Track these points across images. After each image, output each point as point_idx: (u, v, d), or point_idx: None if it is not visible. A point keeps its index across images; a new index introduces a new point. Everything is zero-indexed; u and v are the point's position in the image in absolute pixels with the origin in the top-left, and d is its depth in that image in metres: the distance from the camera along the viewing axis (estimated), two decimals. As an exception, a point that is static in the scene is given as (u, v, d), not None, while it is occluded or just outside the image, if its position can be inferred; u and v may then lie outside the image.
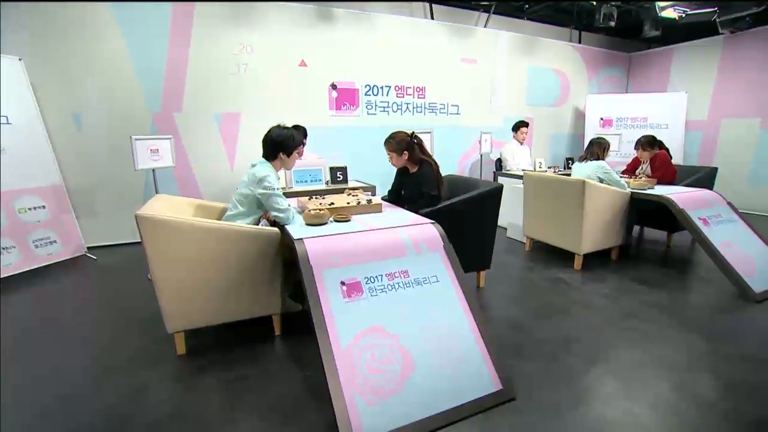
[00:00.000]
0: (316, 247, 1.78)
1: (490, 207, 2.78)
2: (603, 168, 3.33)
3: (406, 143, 2.62)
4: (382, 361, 1.59)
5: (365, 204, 2.36)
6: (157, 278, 1.83)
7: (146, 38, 3.75)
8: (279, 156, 2.23)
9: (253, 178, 2.12)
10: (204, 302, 1.93)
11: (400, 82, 4.93)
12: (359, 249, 1.84)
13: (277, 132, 2.21)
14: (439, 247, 2.01)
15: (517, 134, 4.97)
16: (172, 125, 3.96)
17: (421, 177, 2.64)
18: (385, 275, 1.81)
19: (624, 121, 6.03)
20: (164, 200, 2.25)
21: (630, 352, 2.04)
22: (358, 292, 1.72)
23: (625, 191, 3.30)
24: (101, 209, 3.88)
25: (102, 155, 3.79)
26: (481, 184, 2.80)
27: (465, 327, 1.81)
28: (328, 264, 1.74)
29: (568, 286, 2.94)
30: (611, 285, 2.93)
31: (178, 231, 1.82)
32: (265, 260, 2.02)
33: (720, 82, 5.61)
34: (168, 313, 1.88)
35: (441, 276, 1.92)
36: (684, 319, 2.38)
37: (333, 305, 1.65)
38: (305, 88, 4.42)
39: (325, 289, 1.67)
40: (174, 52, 3.86)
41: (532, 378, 1.83)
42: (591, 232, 3.17)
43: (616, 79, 6.71)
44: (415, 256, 1.93)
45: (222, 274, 1.94)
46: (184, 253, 1.85)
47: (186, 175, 4.09)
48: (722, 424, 1.53)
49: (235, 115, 4.18)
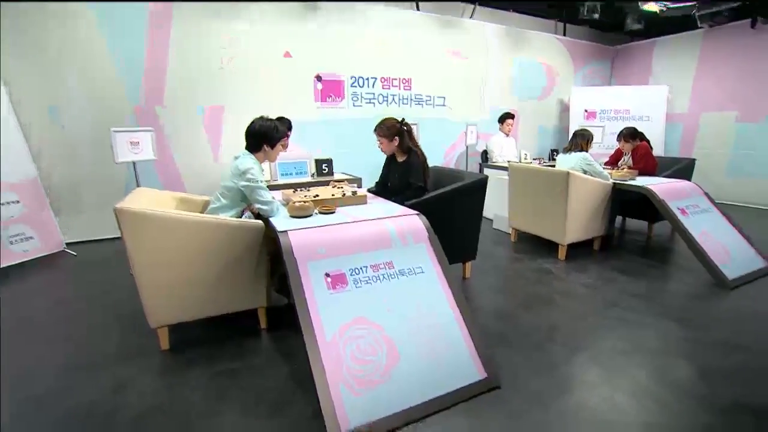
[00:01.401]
0: (301, 239, 1.77)
1: (476, 198, 2.79)
2: (586, 159, 3.38)
3: (396, 129, 2.64)
4: (367, 352, 1.59)
5: (350, 196, 2.35)
6: (138, 273, 1.80)
7: (124, 29, 3.63)
8: (263, 148, 2.20)
9: (236, 170, 2.09)
10: (187, 296, 1.91)
11: (386, 73, 4.89)
12: (344, 241, 1.84)
13: (261, 123, 2.17)
14: (424, 239, 2.01)
15: (503, 126, 5.00)
16: (154, 118, 3.86)
17: (407, 167, 2.65)
18: (370, 267, 1.81)
19: (607, 113, 6.12)
20: (145, 194, 2.20)
21: (611, 340, 2.09)
22: (343, 283, 1.72)
23: (608, 182, 3.35)
24: (82, 204, 3.77)
25: (81, 149, 3.68)
26: (467, 176, 2.81)
27: (449, 317, 1.82)
28: (312, 256, 1.73)
29: (552, 276, 2.99)
30: (593, 275, 2.99)
31: (160, 224, 1.78)
32: (250, 253, 1.99)
33: (699, 75, 5.72)
34: (150, 308, 1.85)
35: (426, 267, 1.93)
36: (662, 307, 2.45)
37: (317, 297, 1.64)
38: (290, 80, 4.36)
39: (309, 281, 1.67)
40: (154, 44, 3.75)
41: (517, 366, 1.86)
42: (574, 223, 3.22)
43: (600, 72, 6.79)
44: (401, 248, 1.93)
45: (205, 267, 1.91)
46: (166, 247, 1.81)
47: (169, 169, 4.00)
48: (699, 409, 1.58)
49: (218, 108, 4.10)
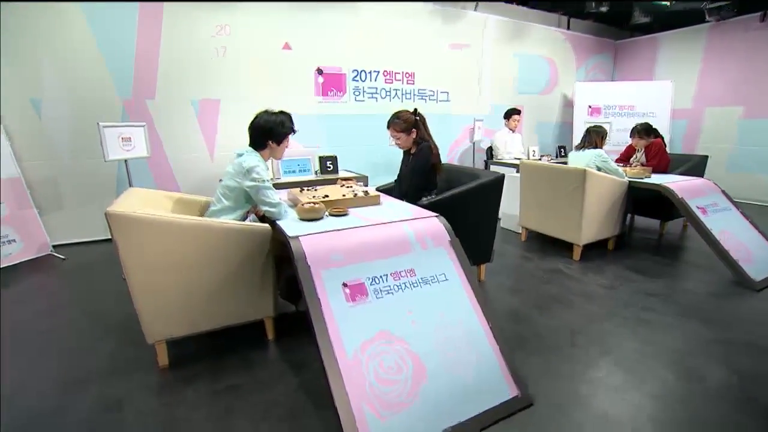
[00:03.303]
0: (314, 244, 1.61)
1: (492, 198, 2.65)
2: (601, 156, 3.25)
3: (412, 121, 2.48)
4: (392, 371, 1.44)
5: (362, 196, 2.18)
6: (133, 283, 1.62)
7: (113, 16, 3.39)
8: (268, 144, 2.02)
9: (240, 168, 1.91)
10: (187, 309, 1.73)
11: (388, 67, 4.71)
12: (361, 246, 1.68)
13: (266, 118, 1.99)
14: (445, 242, 1.86)
15: (509, 122, 4.87)
16: (146, 113, 3.64)
17: (415, 162, 2.49)
18: (390, 275, 1.66)
19: (612, 109, 6.01)
20: (139, 194, 2.01)
21: (634, 342, 1.99)
22: (363, 294, 1.56)
23: (624, 180, 3.24)
24: (69, 204, 3.55)
25: (66, 145, 3.45)
26: (482, 174, 2.67)
27: (477, 328, 1.68)
28: (327, 263, 1.57)
29: (567, 277, 2.87)
30: (610, 275, 2.88)
31: (156, 230, 1.60)
32: (256, 260, 1.82)
33: (704, 70, 5.64)
34: (147, 322, 1.67)
35: (449, 273, 1.79)
36: (684, 307, 2.36)
37: (335, 310, 1.49)
38: (289, 73, 4.15)
39: (325, 292, 1.51)
40: (144, 33, 3.53)
41: (537, 371, 1.75)
42: (591, 223, 3.10)
43: (602, 67, 6.68)
44: (421, 253, 1.78)
45: (207, 276, 1.74)
46: (163, 255, 1.63)
47: (162, 166, 3.79)
48: (732, 413, 1.49)
49: (214, 101, 3.89)
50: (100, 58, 3.41)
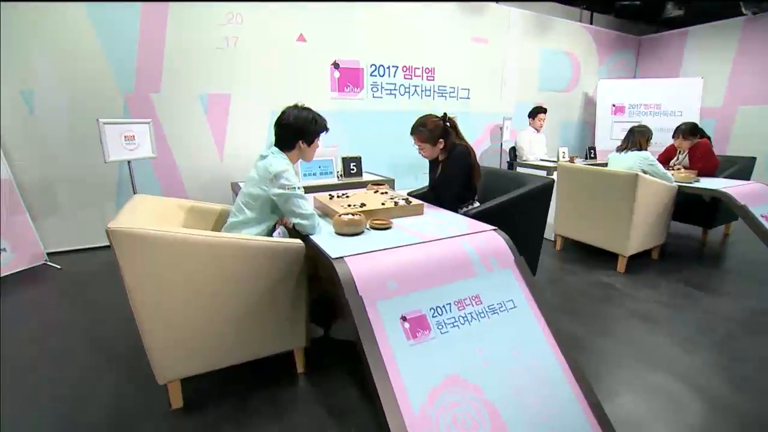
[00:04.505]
0: (363, 268, 1.32)
1: (539, 206, 2.38)
2: (648, 159, 2.98)
3: (440, 130, 2.15)
4: (468, 426, 1.16)
5: (404, 205, 1.90)
6: (141, 314, 1.33)
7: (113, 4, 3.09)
8: (297, 145, 1.74)
9: (266, 173, 1.63)
10: (206, 343, 1.45)
11: (408, 62, 4.42)
12: (418, 269, 1.40)
13: (296, 114, 1.71)
14: (510, 262, 1.59)
15: (534, 121, 4.59)
16: (149, 108, 3.34)
17: (446, 170, 2.17)
18: (454, 303, 1.38)
19: (637, 108, 5.75)
20: (145, 203, 1.72)
21: (723, 380, 1.71)
22: (424, 329, 1.29)
23: (673, 185, 2.97)
24: (65, 208, 3.25)
25: (63, 143, 3.15)
26: (528, 179, 2.39)
27: (554, 366, 1.40)
28: (382, 293, 1.29)
29: (618, 292, 2.61)
30: (666, 290, 2.62)
31: (170, 250, 1.32)
32: (287, 283, 1.54)
33: (737, 66, 5.38)
34: (158, 360, 1.39)
35: (517, 299, 1.51)
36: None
37: (395, 350, 1.21)
38: (304, 66, 3.86)
39: (383, 330, 1.23)
40: (149, 20, 3.22)
41: (622, 416, 1.47)
42: (639, 231, 2.83)
43: (625, 64, 6.41)
44: (486, 276, 1.50)
45: (230, 305, 1.45)
46: (179, 280, 1.35)
47: (167, 167, 3.49)
48: None
49: (224, 96, 3.59)
50: (99, 46, 3.11)
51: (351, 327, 1.21)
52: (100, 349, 1.95)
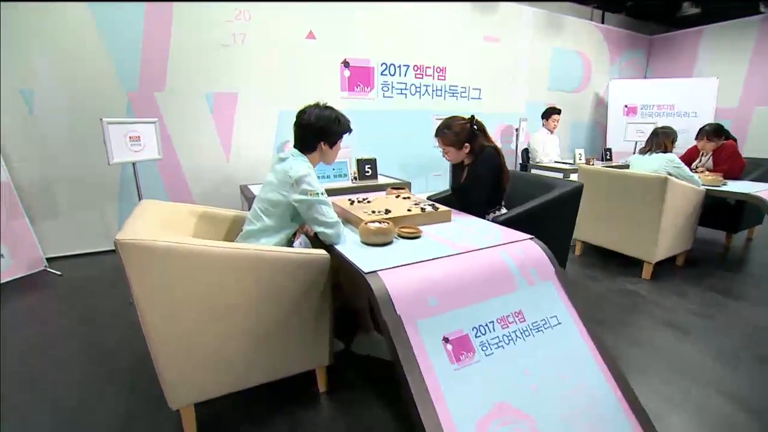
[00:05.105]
0: (400, 283, 1.21)
1: (568, 211, 2.27)
2: (673, 161, 2.87)
3: (467, 133, 2.03)
4: (519, 462, 1.05)
5: (432, 211, 1.79)
6: (152, 335, 1.21)
7: None
8: (318, 146, 1.63)
9: (286, 177, 1.51)
10: (223, 364, 1.33)
11: (419, 61, 4.31)
12: (456, 283, 1.28)
13: (318, 113, 1.59)
14: (551, 273, 1.48)
15: (547, 122, 4.48)
16: (153, 107, 3.22)
17: (475, 172, 2.05)
18: (497, 321, 1.27)
19: (649, 108, 5.65)
20: (154, 210, 1.60)
21: (787, 403, 1.59)
22: (468, 351, 1.17)
23: (701, 189, 2.86)
24: (65, 211, 3.13)
25: (63, 144, 3.03)
26: (557, 183, 2.28)
27: (603, 388, 1.29)
28: (422, 311, 1.18)
29: (646, 301, 2.50)
30: (696, 299, 2.51)
31: (184, 263, 1.20)
32: (311, 297, 1.43)
33: (754, 66, 5.28)
34: (170, 383, 1.27)
35: (561, 315, 1.40)
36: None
37: (439, 376, 1.09)
38: (313, 64, 3.74)
39: (424, 353, 1.11)
40: (153, 16, 3.11)
41: None
42: (667, 237, 2.72)
43: (636, 64, 6.31)
44: (527, 290, 1.39)
45: (249, 322, 1.34)
46: (194, 295, 1.24)
47: (171, 168, 3.37)
48: None
49: (230, 95, 3.47)
50: (101, 42, 2.99)
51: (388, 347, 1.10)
52: (102, 363, 1.83)
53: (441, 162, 4.46)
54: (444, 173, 4.65)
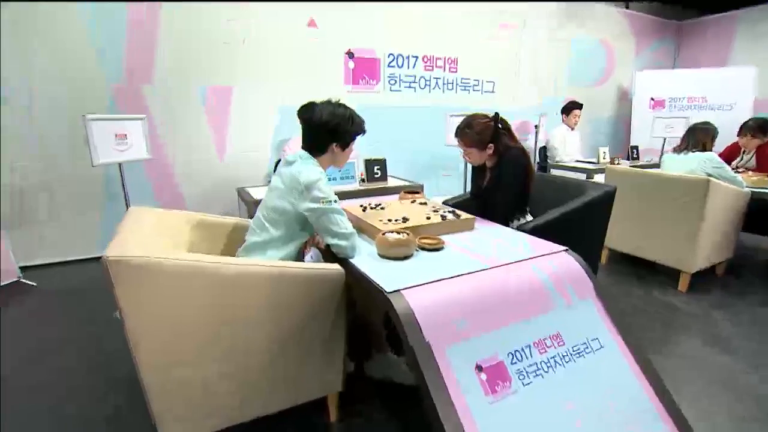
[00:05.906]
0: (425, 303, 1.16)
1: (599, 216, 2.23)
2: (713, 161, 2.82)
3: (490, 132, 1.98)
4: None
5: (453, 219, 1.75)
6: (145, 366, 1.16)
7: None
8: (330, 148, 1.59)
9: (295, 183, 1.47)
10: (223, 395, 1.29)
11: (428, 51, 4.27)
12: (487, 302, 1.24)
13: (330, 110, 1.55)
14: (590, 291, 1.43)
15: (568, 118, 4.45)
16: (140, 102, 3.18)
17: (499, 176, 1.99)
18: (534, 345, 1.22)
19: (679, 101, 5.61)
20: (145, 218, 1.55)
21: None
22: (505, 380, 1.13)
23: (745, 191, 2.82)
24: (40, 217, 3.09)
25: (38, 142, 2.98)
26: (587, 186, 2.24)
27: (655, 420, 1.24)
28: (452, 335, 1.13)
29: (688, 316, 2.46)
30: (745, 316, 2.46)
31: (183, 283, 1.15)
32: (323, 318, 1.38)
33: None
34: (163, 419, 1.22)
35: (603, 338, 1.35)
36: None
37: (474, 412, 1.05)
38: (315, 55, 3.71)
39: (456, 384, 1.07)
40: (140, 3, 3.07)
41: None
42: (707, 245, 2.68)
43: (664, 53, 6.27)
44: (564, 309, 1.35)
45: (255, 348, 1.29)
46: (193, 320, 1.19)
47: (160, 168, 3.33)
48: None
49: (225, 89, 3.43)
50: (82, 28, 2.94)
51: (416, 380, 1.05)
52: (87, 391, 1.79)
53: (452, 161, 4.45)
54: (454, 173, 4.61)
